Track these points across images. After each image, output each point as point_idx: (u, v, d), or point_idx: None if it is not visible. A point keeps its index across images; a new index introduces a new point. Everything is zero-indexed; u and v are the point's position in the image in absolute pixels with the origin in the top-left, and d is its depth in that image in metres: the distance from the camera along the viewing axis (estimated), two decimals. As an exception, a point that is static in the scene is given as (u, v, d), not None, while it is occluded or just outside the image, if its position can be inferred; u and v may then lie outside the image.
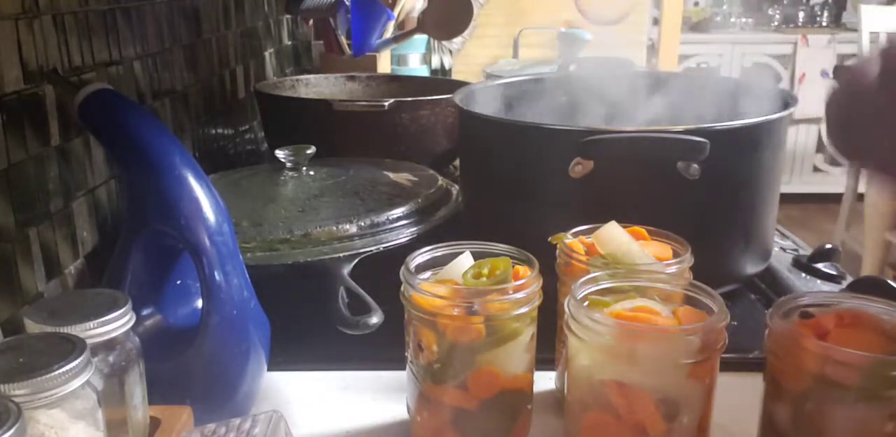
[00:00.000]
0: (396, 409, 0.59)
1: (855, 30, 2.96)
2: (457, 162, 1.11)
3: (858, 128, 0.48)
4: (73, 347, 0.39)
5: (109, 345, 0.45)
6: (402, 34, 1.47)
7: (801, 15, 3.77)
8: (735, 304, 0.74)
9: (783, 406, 0.47)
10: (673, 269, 0.54)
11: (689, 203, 0.69)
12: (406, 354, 0.54)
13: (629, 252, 0.55)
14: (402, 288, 0.53)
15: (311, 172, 0.83)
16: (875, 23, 2.81)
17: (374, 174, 0.86)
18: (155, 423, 0.49)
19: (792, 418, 0.46)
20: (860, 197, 2.48)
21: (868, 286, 0.65)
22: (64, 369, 0.37)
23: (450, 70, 1.99)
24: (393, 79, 1.34)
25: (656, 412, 0.46)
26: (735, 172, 0.70)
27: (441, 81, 1.42)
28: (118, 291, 0.48)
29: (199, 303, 0.58)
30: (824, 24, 3.76)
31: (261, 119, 1.23)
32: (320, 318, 0.62)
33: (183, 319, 0.60)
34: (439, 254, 0.55)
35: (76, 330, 0.42)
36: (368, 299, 0.64)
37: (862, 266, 2.35)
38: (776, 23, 3.78)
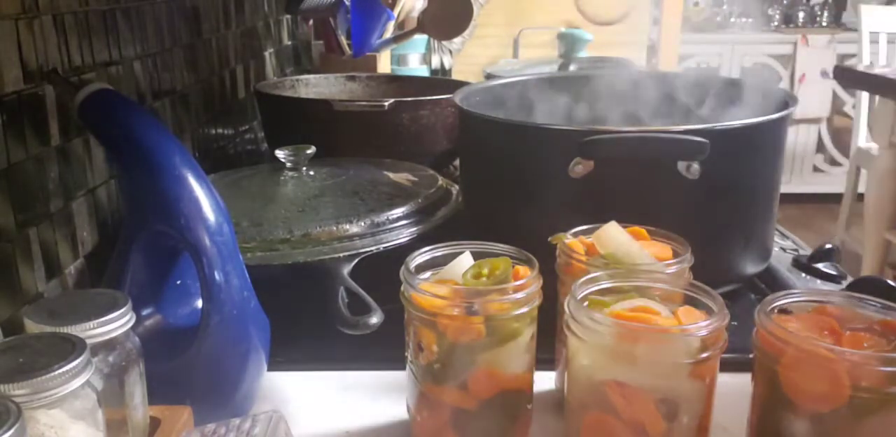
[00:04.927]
0: (396, 409, 0.59)
1: (855, 30, 2.96)
2: (457, 162, 1.11)
3: None
4: (73, 347, 0.39)
5: (109, 345, 0.45)
6: (402, 34, 1.47)
7: (801, 15, 3.77)
8: (735, 304, 0.74)
9: (776, 406, 0.47)
10: (673, 269, 0.54)
11: (689, 203, 0.69)
12: (406, 354, 0.54)
13: (629, 252, 0.55)
14: (402, 288, 0.53)
15: (311, 172, 0.83)
16: (875, 23, 2.81)
17: (374, 174, 0.86)
18: (155, 423, 0.49)
19: (782, 417, 0.46)
20: (860, 197, 2.47)
21: (868, 286, 0.65)
22: (64, 369, 0.37)
23: (450, 70, 1.99)
24: (393, 79, 1.34)
25: (656, 412, 0.46)
26: (735, 172, 0.70)
27: (441, 80, 1.42)
28: (118, 291, 0.48)
29: (199, 303, 0.58)
30: (824, 24, 3.76)
31: (261, 119, 1.23)
32: (320, 318, 0.62)
33: (183, 319, 0.60)
34: (439, 254, 0.55)
35: (76, 330, 0.42)
36: (368, 299, 0.64)
37: (862, 266, 2.35)
38: (776, 23, 3.78)
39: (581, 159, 0.66)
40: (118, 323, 0.44)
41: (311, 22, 1.65)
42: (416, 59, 1.70)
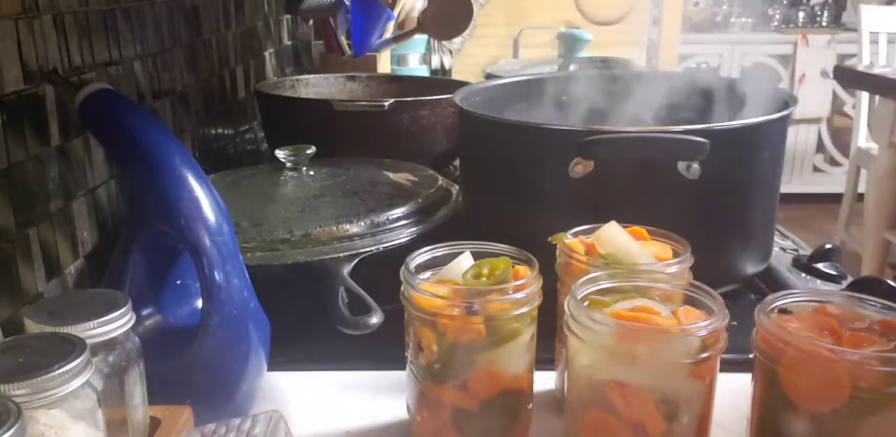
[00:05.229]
0: (396, 409, 0.59)
1: (855, 30, 2.96)
2: (457, 162, 1.11)
3: None
4: (73, 347, 0.39)
5: (109, 345, 0.45)
6: (402, 34, 1.47)
7: (801, 15, 3.77)
8: (735, 304, 0.74)
9: (776, 406, 0.47)
10: (673, 269, 0.54)
11: (689, 203, 0.69)
12: (406, 354, 0.54)
13: (629, 252, 0.55)
14: (402, 288, 0.53)
15: (311, 172, 0.83)
16: (875, 23, 2.81)
17: (374, 174, 0.86)
18: (155, 423, 0.49)
19: (784, 418, 0.46)
20: (860, 197, 2.48)
21: (868, 286, 0.65)
22: (64, 369, 0.37)
23: (450, 70, 1.99)
24: (393, 79, 1.34)
25: (656, 412, 0.46)
26: (735, 172, 0.70)
27: (441, 80, 1.42)
28: (118, 291, 0.48)
29: (199, 303, 0.58)
30: (824, 24, 3.76)
31: (261, 119, 1.23)
32: (320, 318, 0.62)
33: (183, 319, 0.60)
34: (439, 254, 0.55)
35: (76, 330, 0.42)
36: (368, 299, 0.64)
37: (862, 266, 2.35)
38: (776, 23, 3.78)
39: (581, 159, 0.66)
40: (118, 323, 0.44)
41: (311, 22, 1.65)
42: (416, 59, 1.70)
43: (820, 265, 0.82)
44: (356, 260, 0.69)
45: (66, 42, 0.67)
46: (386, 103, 1.03)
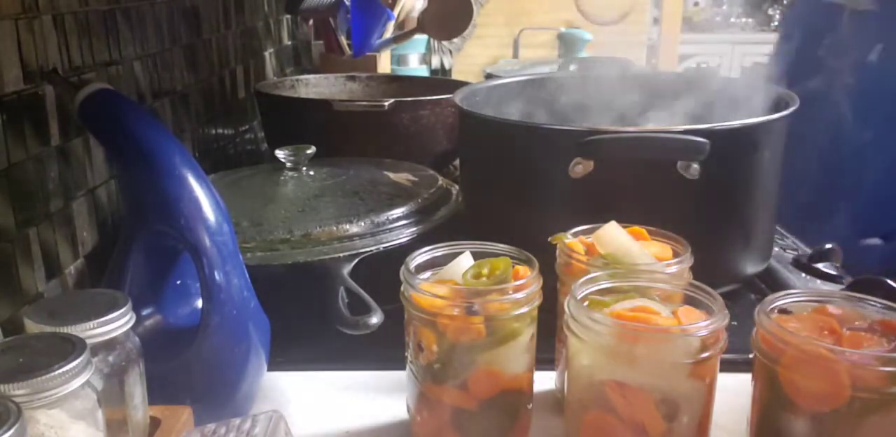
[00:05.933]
0: (396, 409, 0.59)
1: (855, 30, 2.95)
2: (457, 162, 1.11)
3: None
4: (73, 347, 0.39)
5: (109, 345, 0.45)
6: (402, 34, 1.47)
7: (801, 15, 3.77)
8: (735, 304, 0.74)
9: (776, 406, 0.47)
10: (673, 269, 0.54)
11: (689, 203, 0.69)
12: (406, 354, 0.54)
13: (629, 252, 0.55)
14: (402, 288, 0.53)
15: (311, 172, 0.83)
16: (875, 23, 2.81)
17: (374, 174, 0.86)
18: (155, 423, 0.49)
19: (782, 418, 0.46)
20: (860, 197, 2.47)
21: (868, 286, 0.65)
22: (64, 369, 0.37)
23: (450, 70, 1.99)
24: (393, 79, 1.34)
25: (656, 412, 0.46)
26: (735, 172, 0.70)
27: (441, 80, 1.42)
28: (118, 291, 0.48)
29: (199, 303, 0.58)
30: (824, 24, 3.76)
31: (261, 119, 1.23)
32: (320, 318, 0.62)
33: (183, 319, 0.60)
34: (439, 254, 0.55)
35: (76, 330, 0.42)
36: (368, 299, 0.64)
37: (862, 266, 2.35)
38: (776, 23, 3.78)
39: (581, 159, 0.66)
40: (118, 323, 0.44)
41: (311, 22, 1.65)
42: (416, 59, 1.70)
43: (820, 265, 0.82)
44: (356, 260, 0.69)
45: (66, 42, 0.67)
46: (386, 103, 1.03)
